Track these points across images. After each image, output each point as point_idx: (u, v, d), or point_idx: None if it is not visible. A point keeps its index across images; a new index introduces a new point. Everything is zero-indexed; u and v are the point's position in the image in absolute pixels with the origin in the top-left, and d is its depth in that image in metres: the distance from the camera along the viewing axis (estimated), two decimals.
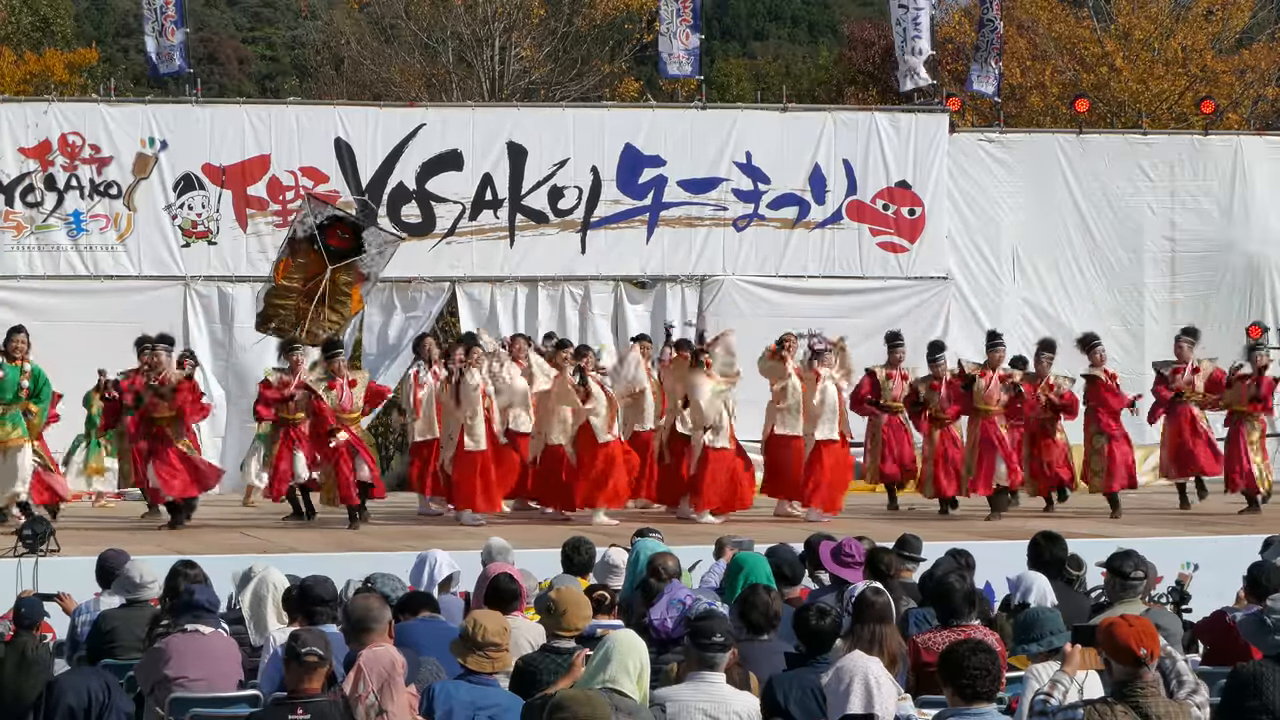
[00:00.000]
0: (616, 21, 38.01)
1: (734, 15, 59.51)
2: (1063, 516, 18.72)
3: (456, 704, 7.82)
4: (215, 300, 22.12)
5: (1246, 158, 24.64)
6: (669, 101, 24.98)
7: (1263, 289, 24.53)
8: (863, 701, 7.35)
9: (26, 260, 21.69)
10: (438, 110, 24.53)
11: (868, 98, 35.16)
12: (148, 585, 10.08)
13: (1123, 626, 6.94)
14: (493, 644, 7.96)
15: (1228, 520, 18.64)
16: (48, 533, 13.14)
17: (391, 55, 38.36)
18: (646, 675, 7.46)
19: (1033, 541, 10.58)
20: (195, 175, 22.09)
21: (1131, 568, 9.29)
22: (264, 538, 17.03)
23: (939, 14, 35.25)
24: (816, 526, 15.60)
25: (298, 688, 7.44)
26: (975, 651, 7.04)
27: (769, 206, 23.47)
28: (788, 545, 10.91)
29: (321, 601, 8.96)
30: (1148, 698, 6.86)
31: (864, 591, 8.63)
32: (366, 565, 11.67)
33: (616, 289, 23.12)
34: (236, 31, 60.78)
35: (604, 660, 7.40)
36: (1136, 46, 35.27)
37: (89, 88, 30.73)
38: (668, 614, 9.24)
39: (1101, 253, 24.30)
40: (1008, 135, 24.62)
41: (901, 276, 23.67)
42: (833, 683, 7.47)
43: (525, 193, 22.87)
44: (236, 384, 21.62)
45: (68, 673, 8.99)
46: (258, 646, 9.43)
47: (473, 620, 8.10)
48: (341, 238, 18.37)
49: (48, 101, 22.52)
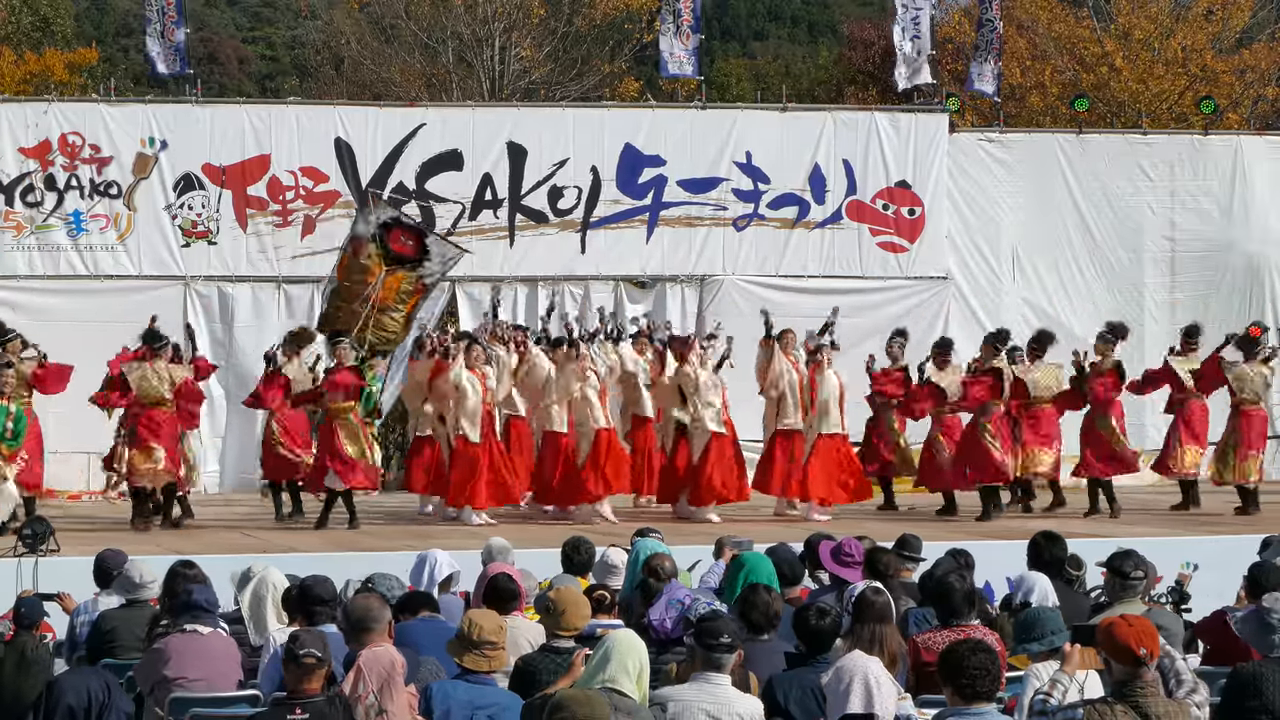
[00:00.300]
0: (616, 21, 38.02)
1: (734, 15, 59.49)
2: (1065, 517, 18.74)
3: (454, 703, 7.82)
4: (215, 300, 22.12)
5: (1246, 158, 24.65)
6: (669, 101, 24.99)
7: (1263, 289, 24.54)
8: (863, 701, 7.35)
9: (26, 260, 21.69)
10: (438, 110, 24.54)
11: (867, 98, 35.15)
12: (147, 585, 10.08)
13: (1122, 626, 6.94)
14: (489, 643, 7.95)
15: (1228, 520, 18.67)
16: (48, 533, 13.13)
17: (391, 55, 38.36)
18: (646, 675, 7.44)
19: (1032, 541, 10.58)
20: (195, 175, 22.09)
21: (1131, 567, 9.29)
22: (264, 538, 17.04)
23: (939, 14, 35.24)
24: (816, 526, 15.62)
25: (297, 688, 7.44)
26: (975, 651, 7.04)
27: (769, 206, 23.47)
28: (787, 545, 10.91)
29: (321, 601, 8.96)
30: (1147, 697, 6.86)
31: (864, 591, 8.62)
32: (367, 565, 11.66)
33: (616, 289, 23.12)
34: (236, 31, 60.77)
35: (603, 660, 7.38)
36: (1136, 46, 35.27)
37: (89, 88, 30.74)
38: (667, 614, 9.24)
39: (1101, 253, 24.30)
40: (1008, 135, 24.63)
41: (901, 276, 23.68)
42: (833, 682, 7.47)
43: (525, 193, 22.87)
44: (237, 384, 21.60)
45: (67, 672, 9.00)
46: (257, 646, 9.43)
47: (468, 620, 8.10)
48: (404, 243, 18.42)
49: (48, 101, 22.52)
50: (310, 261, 22.21)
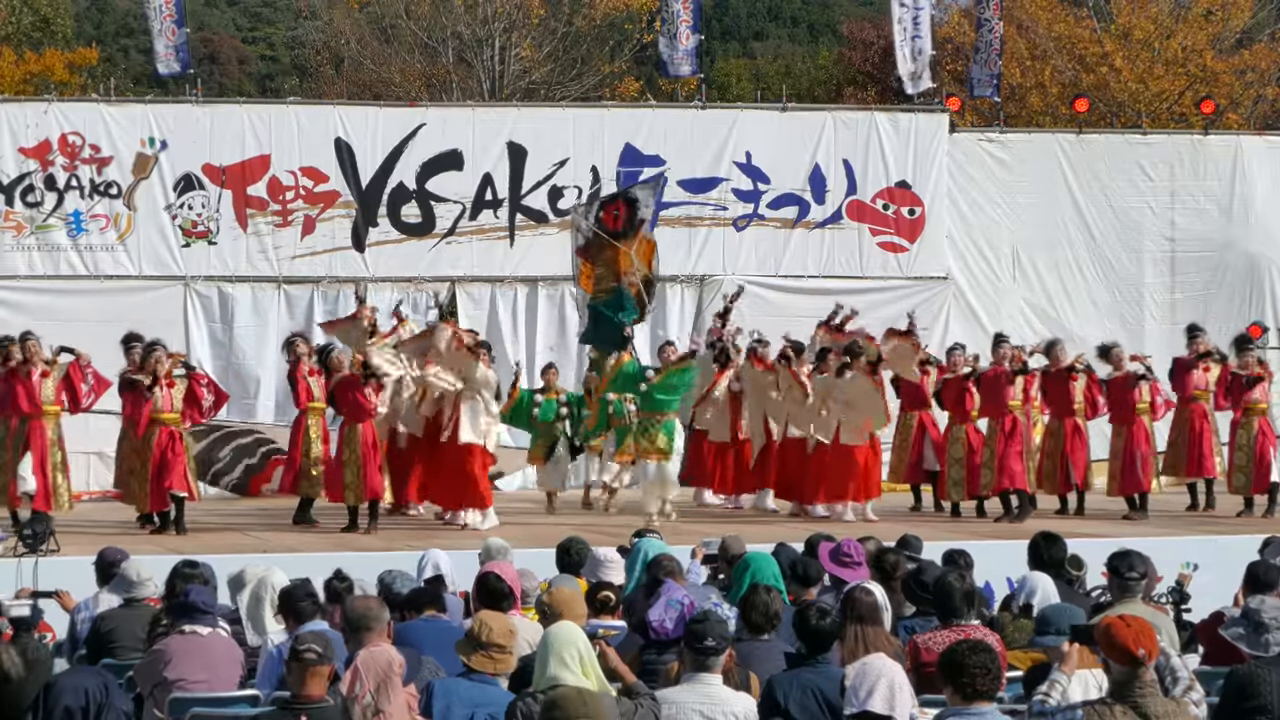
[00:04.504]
0: (616, 21, 38.06)
1: (734, 15, 59.46)
2: (1065, 517, 18.73)
3: (456, 700, 7.83)
4: (215, 300, 22.11)
5: (1246, 158, 24.63)
6: (669, 101, 24.98)
7: (1263, 289, 24.53)
8: (885, 702, 7.33)
9: (26, 260, 21.68)
10: (438, 110, 24.51)
11: (867, 98, 35.17)
12: (144, 583, 10.08)
13: (1120, 627, 6.95)
14: (497, 645, 7.98)
15: (1228, 520, 18.67)
16: (48, 532, 13.15)
17: (391, 55, 38.40)
18: (591, 660, 7.47)
19: (1032, 542, 10.58)
20: (195, 175, 22.08)
21: (1128, 568, 9.28)
22: (264, 538, 17.03)
23: (938, 14, 35.27)
24: (824, 526, 15.55)
25: (300, 691, 7.40)
26: (975, 651, 7.05)
27: (769, 206, 23.47)
28: (787, 545, 10.92)
29: (302, 599, 8.95)
30: (1146, 697, 6.87)
31: (851, 590, 8.66)
32: (367, 565, 11.67)
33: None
34: (236, 31, 60.77)
35: (541, 661, 7.44)
36: (1136, 46, 35.29)
37: (89, 88, 30.68)
38: (666, 614, 9.23)
39: (1101, 253, 24.30)
40: (1008, 135, 24.62)
41: (901, 276, 23.67)
42: (857, 678, 7.44)
43: (525, 192, 22.87)
44: (237, 384, 21.59)
45: (66, 673, 8.97)
46: (256, 647, 9.43)
47: (479, 621, 8.14)
48: (615, 216, 18.64)
49: (48, 101, 22.50)
50: (310, 261, 22.23)
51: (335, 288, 22.19)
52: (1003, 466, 18.54)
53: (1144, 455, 19.01)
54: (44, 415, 17.35)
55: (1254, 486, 19.25)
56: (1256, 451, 19.16)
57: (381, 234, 22.51)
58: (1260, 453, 19.15)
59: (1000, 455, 18.57)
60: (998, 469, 18.59)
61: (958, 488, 19.09)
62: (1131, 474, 19.00)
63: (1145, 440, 19.09)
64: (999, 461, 18.57)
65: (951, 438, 19.19)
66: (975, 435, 19.02)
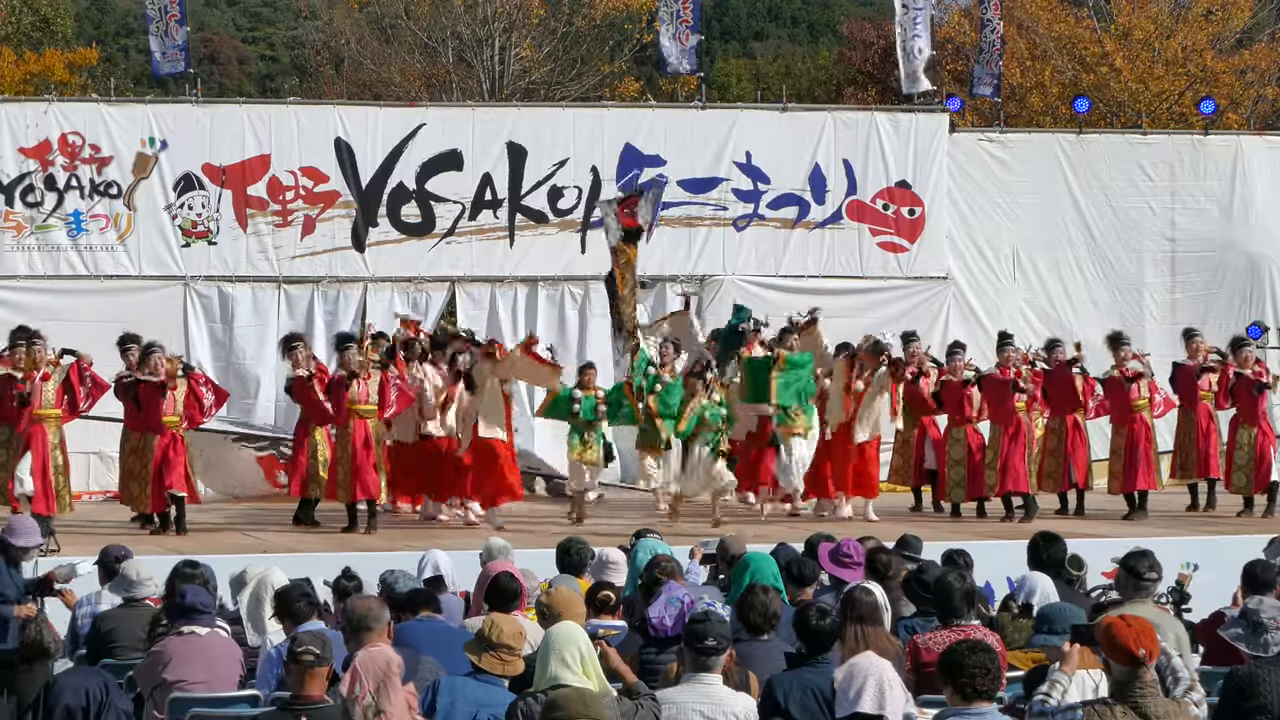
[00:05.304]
0: (616, 21, 38.05)
1: (734, 15, 59.49)
2: (1065, 517, 18.75)
3: (460, 699, 7.83)
4: (215, 300, 22.10)
5: (1246, 158, 24.63)
6: (669, 101, 24.96)
7: (1263, 289, 24.52)
8: (875, 702, 7.34)
9: (26, 260, 21.67)
10: (438, 110, 24.49)
11: (867, 98, 35.17)
12: (144, 583, 10.09)
13: (1121, 627, 6.94)
14: (506, 646, 8.00)
15: (1228, 520, 18.68)
16: (47, 532, 13.15)
17: (391, 55, 38.40)
18: (592, 660, 7.48)
19: (1032, 542, 10.58)
20: (195, 175, 22.07)
21: (1147, 568, 9.11)
22: (264, 538, 17.03)
23: (939, 14, 35.26)
24: (820, 526, 15.59)
25: (299, 691, 7.41)
26: (975, 651, 7.05)
27: (769, 206, 23.46)
28: (787, 545, 10.92)
29: (297, 600, 8.95)
30: (1147, 697, 6.87)
31: (851, 590, 8.65)
32: (367, 565, 11.66)
33: None
34: (236, 31, 60.80)
35: (542, 662, 7.43)
36: (1136, 46, 35.28)
37: (89, 88, 30.69)
38: (666, 613, 9.24)
39: (1101, 253, 24.29)
40: (1008, 135, 24.61)
41: (901, 276, 23.66)
42: (845, 679, 7.45)
43: (525, 193, 22.86)
44: (237, 384, 21.58)
45: (66, 672, 8.99)
46: (255, 647, 9.44)
47: (490, 621, 8.15)
48: (630, 215, 18.72)
49: (48, 101, 22.49)
50: (310, 261, 22.22)
51: (335, 288, 22.21)
52: (1006, 468, 18.58)
53: (1145, 452, 19.02)
54: (45, 419, 17.31)
55: (1254, 486, 19.26)
56: (1257, 451, 19.18)
57: (381, 234, 22.51)
58: (1260, 452, 19.17)
59: (1004, 457, 18.62)
60: (1001, 470, 18.63)
61: (958, 488, 19.12)
62: (1132, 471, 19.00)
63: (1146, 437, 19.10)
64: (1003, 463, 18.62)
65: (951, 439, 19.23)
66: (975, 436, 19.06)
